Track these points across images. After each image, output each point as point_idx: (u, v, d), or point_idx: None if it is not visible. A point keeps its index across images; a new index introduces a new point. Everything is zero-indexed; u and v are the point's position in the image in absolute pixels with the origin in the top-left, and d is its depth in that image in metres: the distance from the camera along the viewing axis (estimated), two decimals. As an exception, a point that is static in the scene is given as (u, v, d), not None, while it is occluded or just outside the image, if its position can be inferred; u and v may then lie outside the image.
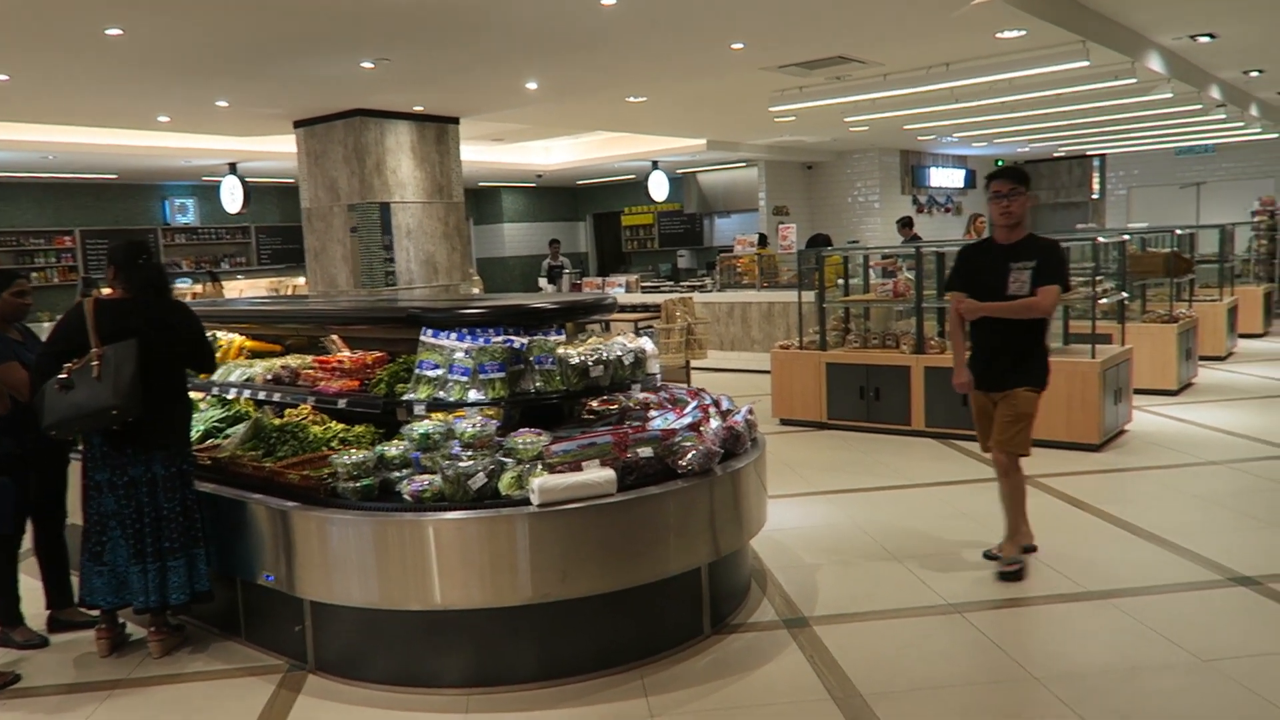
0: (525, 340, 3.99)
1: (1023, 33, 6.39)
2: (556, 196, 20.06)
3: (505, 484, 3.63)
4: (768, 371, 8.53)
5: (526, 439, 3.75)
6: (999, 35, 6.47)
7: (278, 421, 4.60)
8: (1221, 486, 5.90)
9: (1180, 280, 9.34)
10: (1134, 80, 7.70)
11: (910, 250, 8.00)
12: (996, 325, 4.39)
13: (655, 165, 14.21)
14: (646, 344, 4.38)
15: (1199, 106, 9.90)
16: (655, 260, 17.93)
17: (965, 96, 8.29)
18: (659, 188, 14.47)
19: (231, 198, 12.72)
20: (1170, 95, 8.53)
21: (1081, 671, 3.54)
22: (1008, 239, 4.41)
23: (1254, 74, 9.90)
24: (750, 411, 4.53)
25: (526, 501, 3.56)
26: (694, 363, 9.90)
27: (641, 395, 4.75)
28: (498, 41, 6.29)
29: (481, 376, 3.87)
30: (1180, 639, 3.74)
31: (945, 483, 6.26)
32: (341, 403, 4.29)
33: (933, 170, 16.74)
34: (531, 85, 7.81)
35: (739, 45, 6.53)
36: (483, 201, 19.46)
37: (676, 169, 16.07)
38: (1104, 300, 7.08)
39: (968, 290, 4.49)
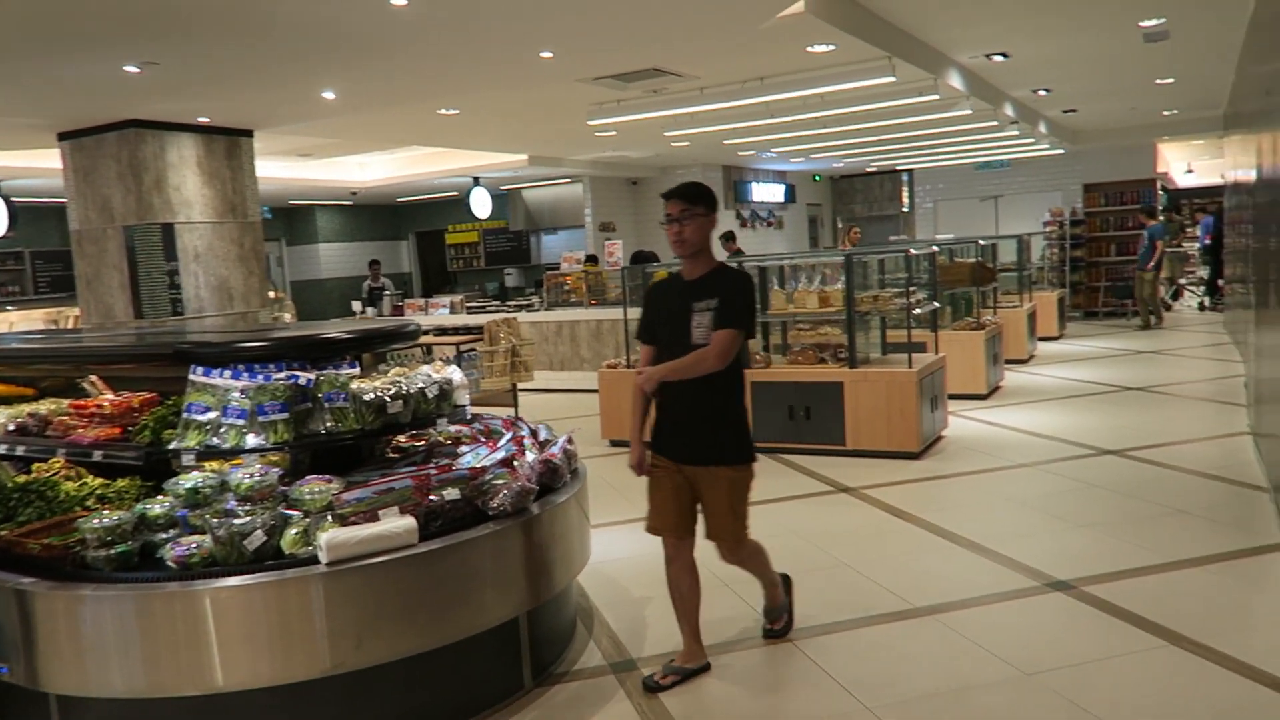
0: (313, 375, 3.56)
1: (832, 47, 6.45)
2: (376, 214, 19.23)
3: (289, 541, 3.19)
4: (598, 390, 8.31)
5: (314, 488, 3.32)
6: (810, 49, 6.51)
7: (21, 479, 3.94)
8: (1032, 489, 6.09)
9: (985, 288, 9.78)
10: (936, 96, 7.98)
11: (735, 265, 7.97)
12: (680, 383, 3.55)
13: (477, 181, 13.79)
14: (454, 373, 4.02)
15: (995, 123, 10.46)
16: (482, 279, 17.45)
17: (780, 111, 8.38)
18: (481, 205, 14.05)
19: (-7, 220, 11.36)
20: (969, 112, 8.92)
21: (913, 696, 3.45)
22: (691, 273, 3.59)
23: (1042, 93, 10.54)
24: (570, 440, 4.25)
25: (315, 560, 3.14)
26: (520, 385, 9.55)
27: (453, 429, 4.39)
28: (281, 45, 5.76)
29: (261, 419, 3.41)
30: (1005, 653, 3.72)
31: (776, 499, 6.19)
32: (97, 454, 3.71)
33: (754, 185, 17.10)
34: (329, 95, 7.28)
35: (548, 54, 6.27)
36: (295, 221, 18.40)
37: (500, 185, 15.69)
38: (919, 310, 7.25)
39: (654, 339, 3.67)
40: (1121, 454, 6.81)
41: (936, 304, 7.90)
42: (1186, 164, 22.48)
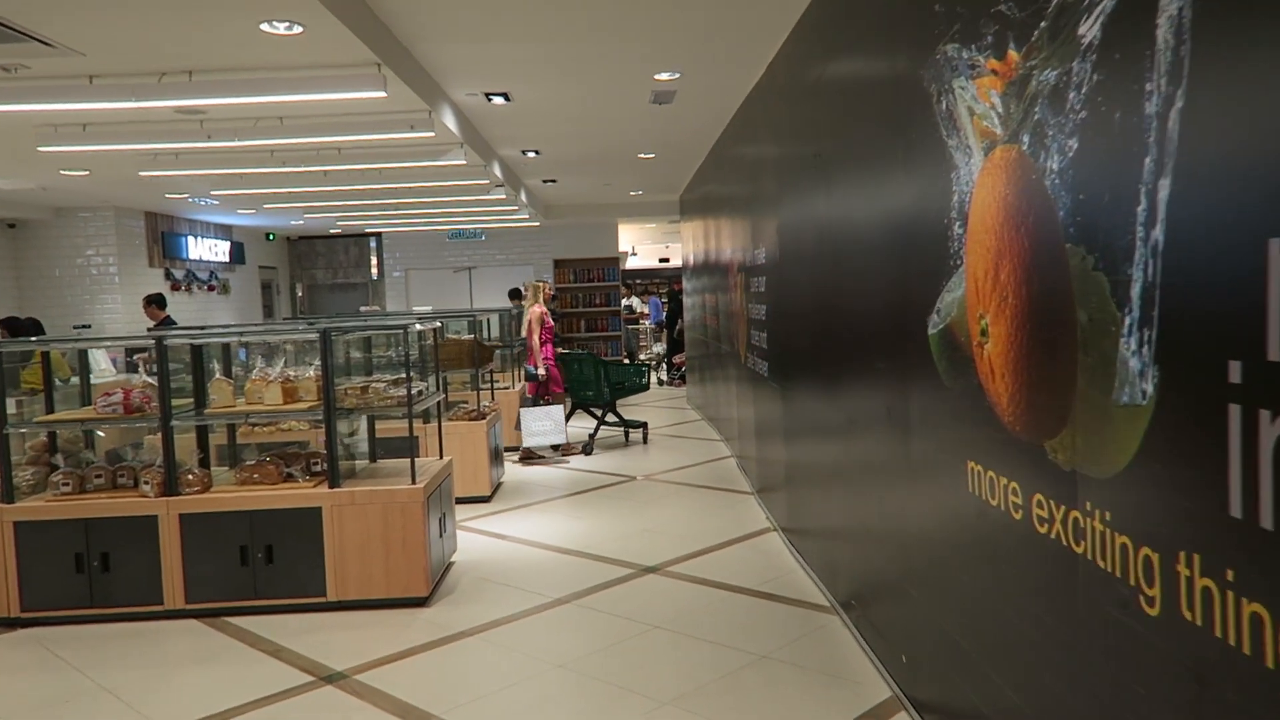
0: None
1: (299, 30, 4.47)
2: None
3: None
4: (-96, 546, 5.13)
5: None
6: (265, 27, 4.44)
7: None
8: (584, 643, 4.61)
9: (483, 370, 8.39)
10: (431, 134, 6.40)
11: (160, 338, 5.43)
12: None
13: None
14: None
15: (485, 182, 9.24)
16: None
17: (221, 131, 6.10)
18: None
19: None
20: (464, 162, 7.53)
21: None
22: None
23: (531, 155, 9.62)
24: None
25: None
26: None
27: None
28: None
29: None
30: None
31: (222, 714, 3.91)
32: None
33: (191, 240, 14.00)
34: None
35: None
36: None
37: None
38: (423, 404, 5.48)
39: None
40: (662, 571, 5.72)
41: (441, 395, 6.23)
42: (632, 246, 24.22)
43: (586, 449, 9.77)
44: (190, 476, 5.21)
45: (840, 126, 4.49)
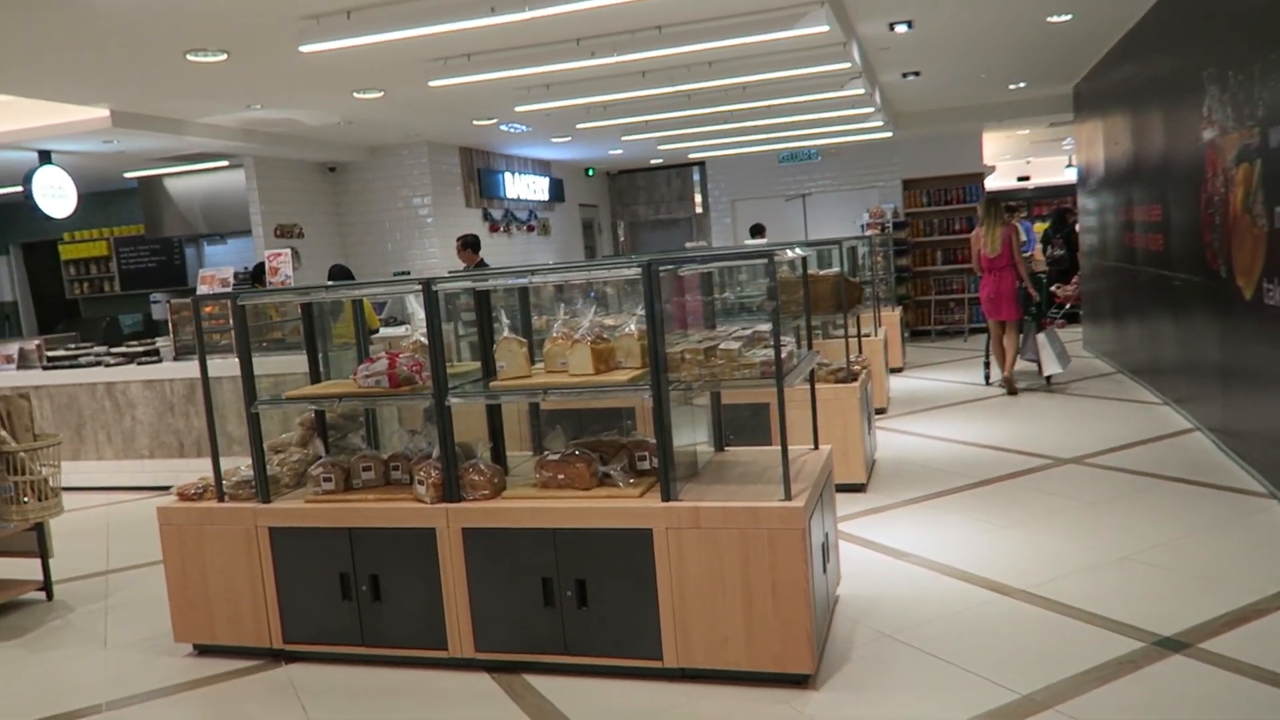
0: None
1: None
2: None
3: None
4: (161, 541, 4.12)
5: None
6: None
7: None
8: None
9: (851, 313, 6.35)
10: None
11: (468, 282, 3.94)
12: None
13: (47, 159, 8.75)
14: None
15: (846, 65, 7.06)
16: (116, 309, 12.23)
17: (507, 3, 4.48)
18: (55, 196, 8.78)
19: None
20: (826, 29, 5.44)
21: None
22: None
23: (900, 29, 7.25)
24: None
25: None
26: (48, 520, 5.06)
27: None
28: None
29: None
30: None
31: None
32: None
33: (508, 177, 13.12)
34: None
35: None
36: None
37: (123, 170, 10.65)
38: (797, 371, 3.56)
39: None
40: (1193, 650, 3.43)
41: (817, 355, 4.28)
42: (991, 163, 20.77)
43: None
44: (476, 476, 3.70)
45: None
